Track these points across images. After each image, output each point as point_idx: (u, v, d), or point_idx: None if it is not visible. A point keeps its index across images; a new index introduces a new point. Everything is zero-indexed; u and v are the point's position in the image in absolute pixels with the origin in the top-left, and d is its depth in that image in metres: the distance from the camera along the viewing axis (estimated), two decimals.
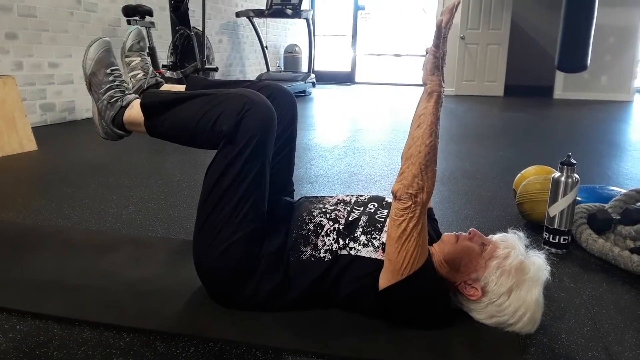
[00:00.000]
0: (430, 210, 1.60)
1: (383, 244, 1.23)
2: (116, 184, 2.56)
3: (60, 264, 1.57)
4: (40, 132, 3.78)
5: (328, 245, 1.27)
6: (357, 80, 10.27)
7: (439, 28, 1.13)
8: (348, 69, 10.22)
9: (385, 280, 1.17)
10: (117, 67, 1.51)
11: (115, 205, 2.22)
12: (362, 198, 1.41)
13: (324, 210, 1.35)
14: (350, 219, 1.31)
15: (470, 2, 7.94)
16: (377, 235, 1.26)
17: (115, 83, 1.47)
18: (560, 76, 7.85)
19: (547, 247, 1.78)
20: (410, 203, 1.12)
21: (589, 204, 1.92)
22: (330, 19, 10.70)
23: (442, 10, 1.15)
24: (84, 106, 4.69)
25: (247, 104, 1.24)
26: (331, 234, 1.28)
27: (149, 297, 1.37)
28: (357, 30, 10.09)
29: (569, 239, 1.77)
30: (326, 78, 10.02)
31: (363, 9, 10.18)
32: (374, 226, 1.29)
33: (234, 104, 1.25)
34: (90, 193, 2.40)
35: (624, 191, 1.98)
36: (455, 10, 1.14)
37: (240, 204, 1.24)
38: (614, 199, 1.93)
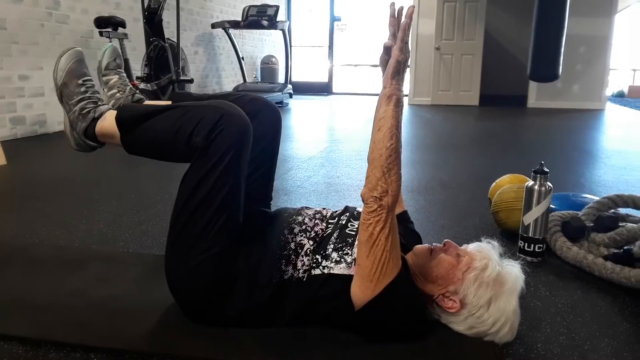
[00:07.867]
0: (405, 212, 1.60)
1: (355, 259, 1.21)
2: (88, 198, 2.51)
3: (26, 282, 1.52)
4: (10, 146, 3.70)
5: (306, 265, 1.24)
6: (334, 90, 10.31)
7: (403, 29, 1.14)
8: (325, 79, 10.26)
9: (355, 286, 1.15)
10: (89, 78, 1.46)
11: (86, 220, 2.16)
12: (337, 211, 1.40)
13: (303, 228, 1.32)
14: (324, 235, 1.30)
15: (445, 14, 8.05)
16: (348, 251, 1.24)
17: (87, 94, 1.43)
18: (533, 85, 7.99)
19: (523, 256, 1.79)
20: (375, 206, 1.11)
21: (562, 212, 1.94)
22: (306, 30, 10.73)
23: (406, 14, 1.15)
24: (56, 119, 4.60)
25: (225, 116, 1.20)
26: (310, 254, 1.26)
27: (119, 316, 1.32)
28: (334, 41, 10.16)
29: (544, 247, 1.79)
30: (303, 89, 10.04)
31: (339, 20, 10.26)
32: (345, 242, 1.27)
33: (210, 116, 1.21)
34: (61, 208, 2.34)
35: (596, 198, 2.01)
36: (411, 15, 1.15)
37: (214, 217, 1.20)
38: (587, 206, 1.95)
